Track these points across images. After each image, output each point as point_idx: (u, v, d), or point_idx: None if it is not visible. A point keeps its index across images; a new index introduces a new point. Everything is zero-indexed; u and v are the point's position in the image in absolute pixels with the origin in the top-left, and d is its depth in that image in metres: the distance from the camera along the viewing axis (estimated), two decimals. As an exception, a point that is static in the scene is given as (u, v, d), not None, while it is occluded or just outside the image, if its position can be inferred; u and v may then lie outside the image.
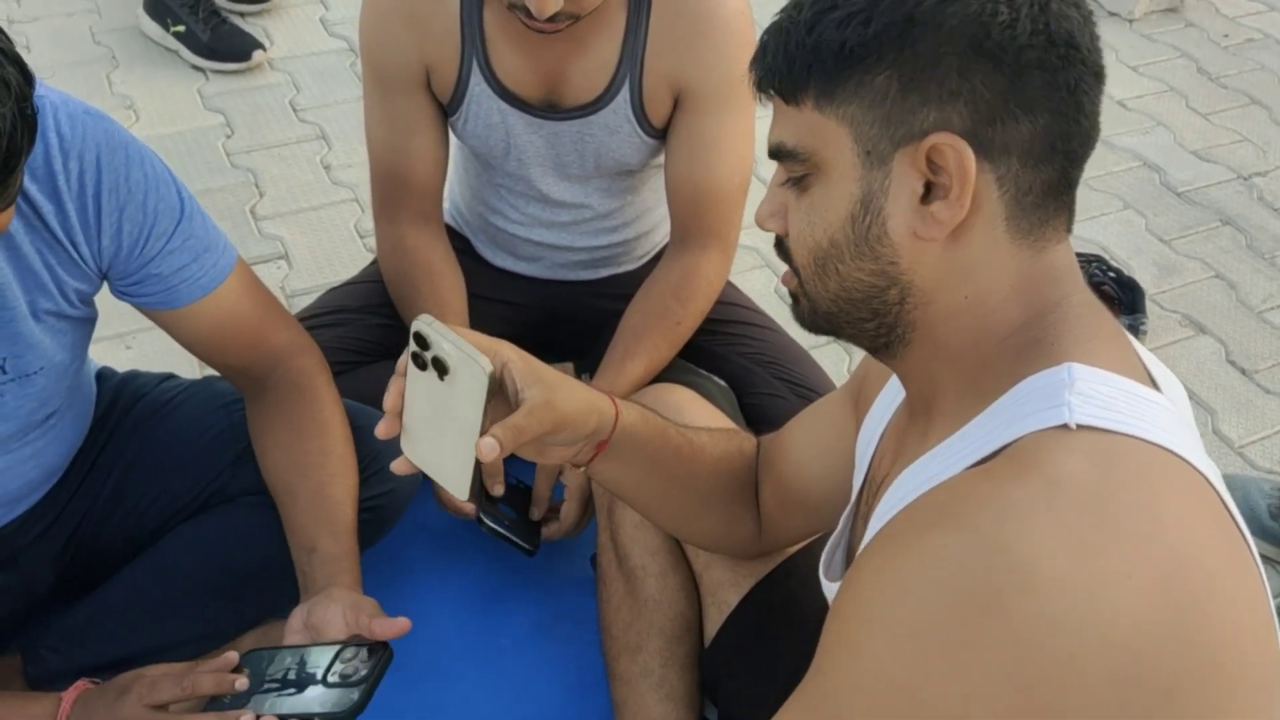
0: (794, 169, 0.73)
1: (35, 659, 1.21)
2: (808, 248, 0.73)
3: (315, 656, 0.89)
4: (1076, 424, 0.63)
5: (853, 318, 0.74)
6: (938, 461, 0.69)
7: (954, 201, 0.67)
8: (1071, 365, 0.66)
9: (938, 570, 0.60)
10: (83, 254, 1.03)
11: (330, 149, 2.40)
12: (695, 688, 1.20)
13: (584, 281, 1.62)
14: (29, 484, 1.15)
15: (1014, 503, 0.60)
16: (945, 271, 0.69)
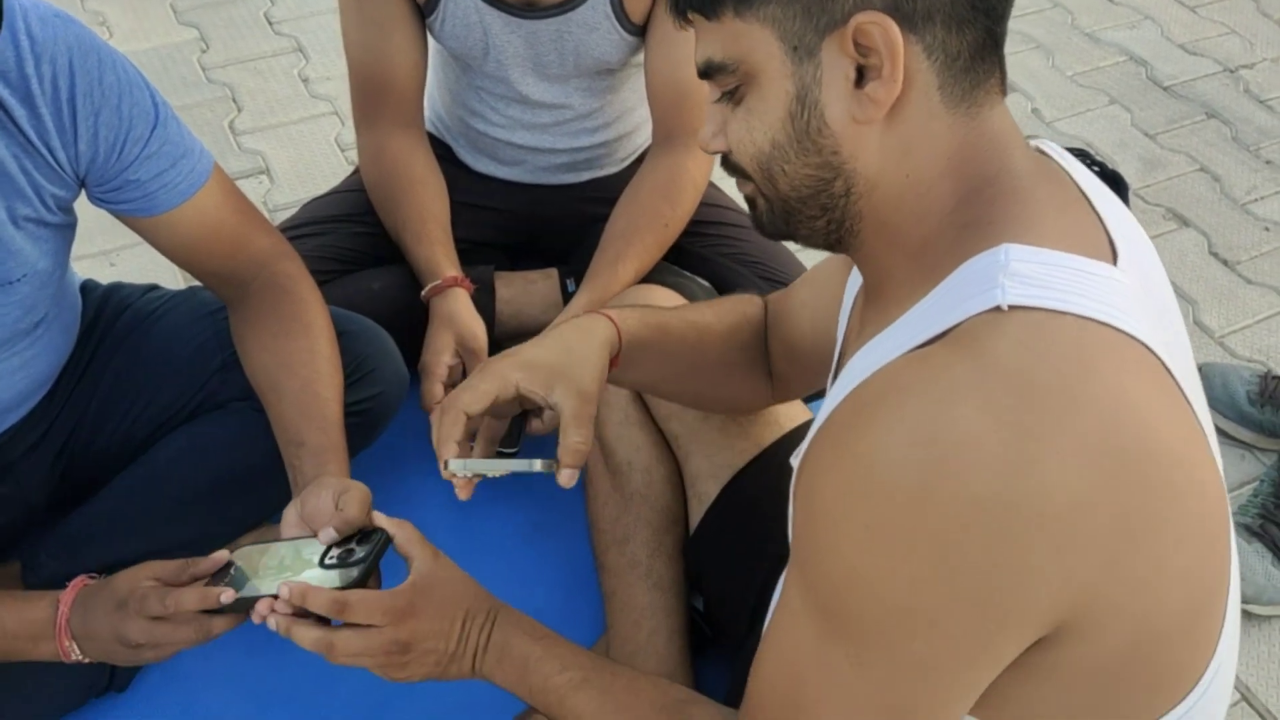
0: (725, 82, 0.73)
1: (34, 566, 1.23)
2: (750, 155, 0.74)
3: (310, 547, 0.91)
4: (1008, 305, 0.64)
5: (804, 215, 0.75)
6: (883, 345, 0.71)
7: (887, 79, 0.67)
8: (1009, 246, 0.66)
9: (879, 463, 0.62)
10: (59, 159, 1.03)
11: (308, 61, 2.37)
12: (682, 576, 1.23)
13: (566, 185, 1.62)
14: (19, 394, 1.16)
15: (947, 386, 0.62)
16: (886, 153, 0.70)
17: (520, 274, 1.59)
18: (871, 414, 0.65)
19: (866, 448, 0.63)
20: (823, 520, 0.66)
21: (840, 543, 0.65)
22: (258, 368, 1.17)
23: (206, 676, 1.27)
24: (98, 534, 1.23)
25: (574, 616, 1.33)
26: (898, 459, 0.61)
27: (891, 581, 0.63)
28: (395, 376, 1.31)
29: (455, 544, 1.36)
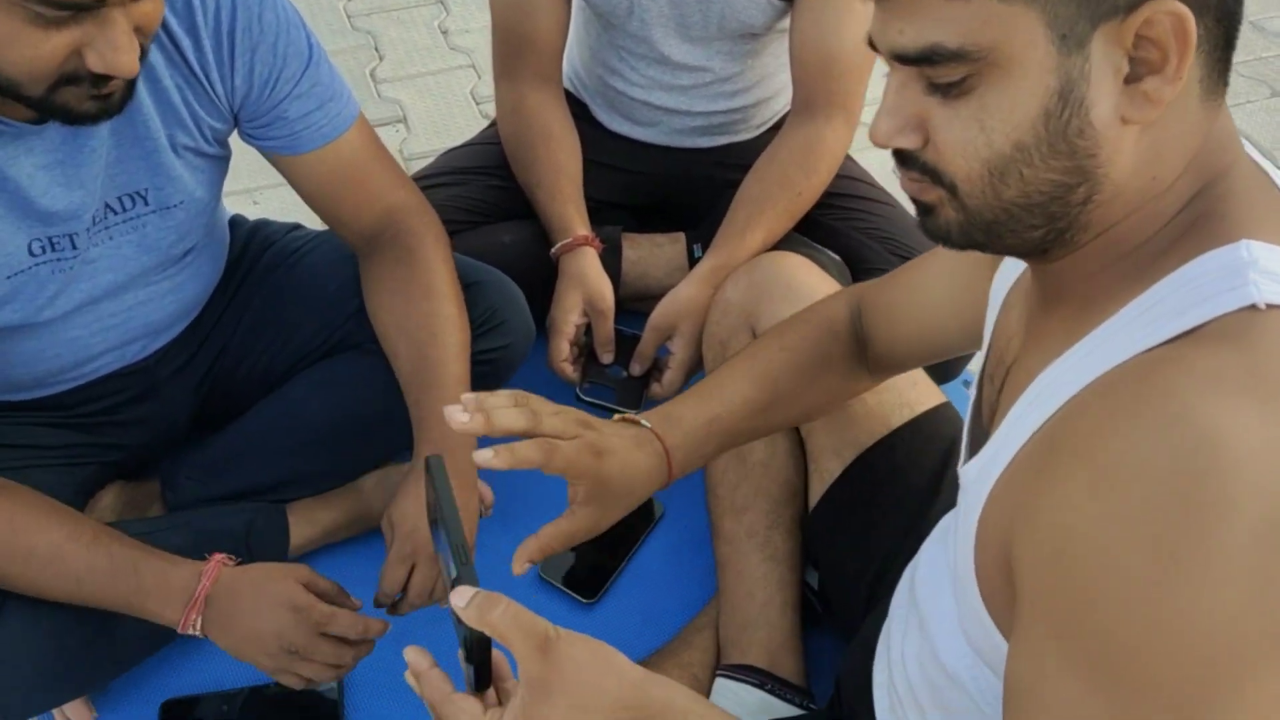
0: (949, 73, 0.62)
1: (174, 486, 1.29)
2: (980, 159, 0.63)
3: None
4: (1266, 304, 0.58)
5: (1022, 225, 0.65)
6: (1098, 349, 0.64)
7: (1171, 75, 0.60)
8: (1249, 243, 0.61)
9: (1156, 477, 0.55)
10: (217, 91, 1.07)
11: (448, 14, 2.40)
12: (798, 550, 1.22)
13: (701, 149, 1.61)
14: (169, 317, 1.21)
15: (1220, 387, 0.56)
16: (1141, 154, 0.63)
17: (647, 236, 1.59)
18: (1131, 423, 0.57)
19: (1137, 461, 0.55)
20: (1094, 561, 0.56)
21: (1133, 578, 0.55)
22: (381, 328, 1.20)
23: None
24: (234, 460, 1.29)
25: (684, 579, 1.34)
26: (1183, 466, 0.54)
27: (1213, 614, 0.53)
28: (523, 329, 1.33)
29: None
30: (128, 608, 1.06)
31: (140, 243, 1.10)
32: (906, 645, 0.87)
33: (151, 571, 1.06)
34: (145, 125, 1.04)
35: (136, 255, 1.11)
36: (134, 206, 1.08)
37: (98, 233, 1.06)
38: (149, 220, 1.09)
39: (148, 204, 1.08)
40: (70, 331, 1.12)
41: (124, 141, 1.04)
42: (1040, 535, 0.61)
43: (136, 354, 1.21)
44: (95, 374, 1.19)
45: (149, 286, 1.16)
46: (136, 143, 1.05)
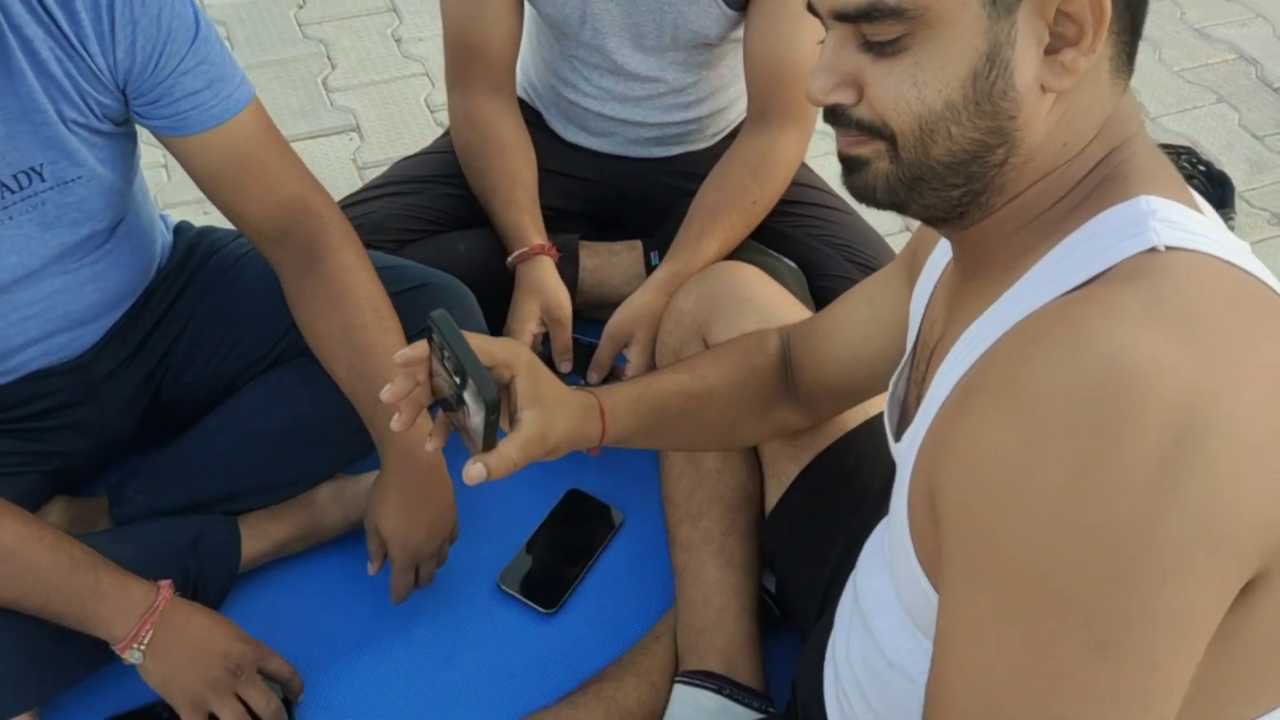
0: (887, 30, 0.65)
1: (121, 500, 1.27)
2: (913, 113, 0.67)
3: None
4: (1165, 246, 0.62)
5: (943, 183, 0.69)
6: (1012, 303, 0.68)
7: (1086, 49, 0.64)
8: (1147, 197, 0.66)
9: (1067, 398, 0.57)
10: (99, 65, 1.04)
11: (401, 22, 2.38)
12: (754, 555, 1.22)
13: (655, 158, 1.61)
14: (90, 307, 1.18)
15: (1124, 315, 0.59)
16: (1054, 122, 0.67)
17: (605, 245, 1.59)
18: (1042, 352, 0.60)
19: (1048, 384, 0.58)
20: (1007, 482, 0.59)
21: (1042, 495, 0.58)
22: (308, 340, 1.19)
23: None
24: (183, 472, 1.27)
25: (643, 587, 1.33)
26: (1095, 387, 0.57)
27: (1124, 523, 0.56)
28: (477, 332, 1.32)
29: (526, 508, 1.39)
30: (80, 612, 1.05)
31: (41, 221, 1.08)
32: (851, 643, 0.88)
33: (110, 578, 1.07)
34: (30, 97, 1.02)
35: (39, 235, 1.08)
36: (30, 184, 1.06)
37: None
38: (47, 197, 1.07)
39: (44, 179, 1.06)
40: None
41: (11, 116, 1.02)
42: (956, 462, 0.64)
43: (62, 349, 1.19)
44: (20, 371, 1.17)
45: (64, 274, 1.13)
46: (24, 116, 1.03)
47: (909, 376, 0.88)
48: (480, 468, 0.85)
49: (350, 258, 1.17)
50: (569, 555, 1.36)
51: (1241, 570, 0.59)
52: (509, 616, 1.30)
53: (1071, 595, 0.58)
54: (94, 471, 1.31)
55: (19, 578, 1.02)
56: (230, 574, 1.25)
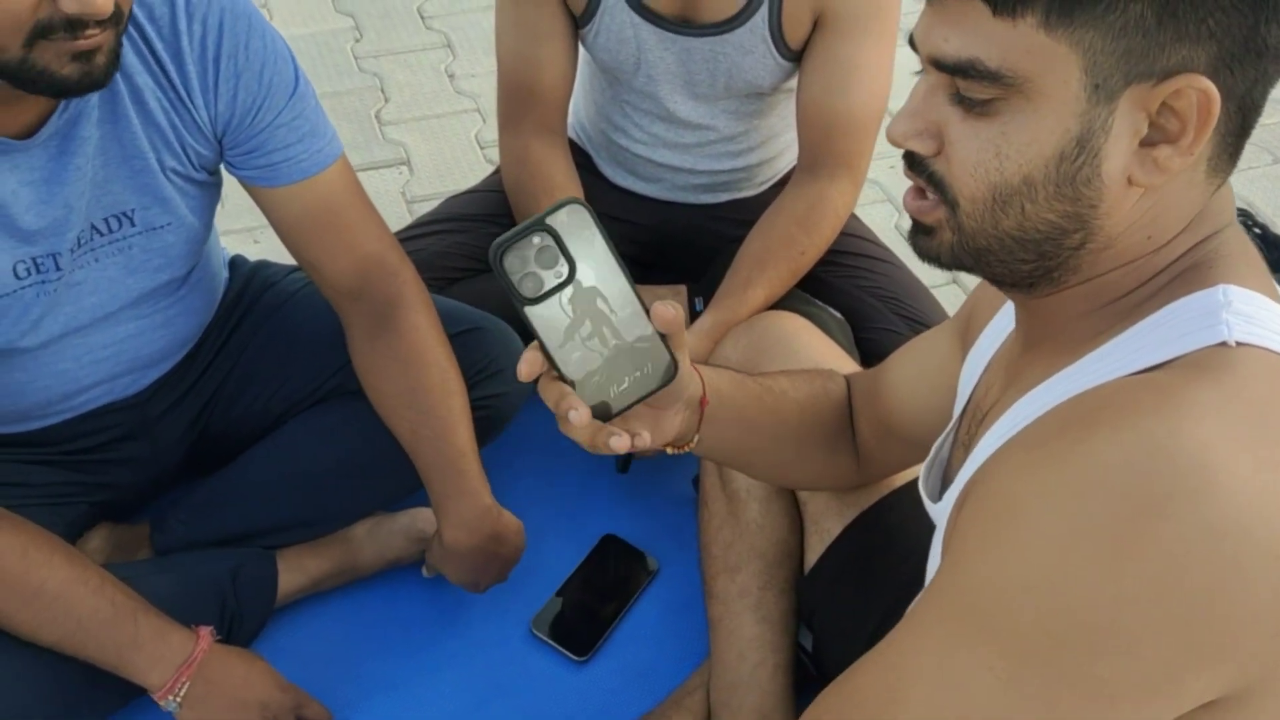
0: (979, 90, 0.63)
1: (163, 529, 1.28)
2: (988, 182, 0.65)
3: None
4: (1236, 341, 0.61)
5: (1013, 257, 0.67)
6: (1075, 378, 0.67)
7: (1184, 148, 0.62)
8: (1226, 287, 0.64)
9: (1103, 471, 0.57)
10: (202, 116, 1.07)
11: (455, 58, 2.41)
12: (791, 612, 1.21)
13: (703, 205, 1.61)
14: (159, 351, 1.20)
15: (1182, 407, 0.58)
16: (1139, 215, 0.65)
17: (649, 288, 1.59)
18: (1093, 423, 0.60)
19: (1091, 450, 0.58)
20: (1010, 518, 0.60)
21: (1033, 542, 0.59)
22: (371, 396, 1.20)
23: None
24: (225, 504, 1.28)
25: (678, 638, 1.32)
26: (1134, 463, 0.57)
27: (1096, 593, 0.57)
28: None
29: (561, 552, 1.39)
30: (116, 660, 1.06)
31: (126, 265, 1.10)
32: None
33: (150, 626, 1.07)
34: (133, 144, 1.04)
35: (122, 278, 1.10)
36: (120, 228, 1.08)
37: (83, 254, 1.06)
38: (135, 242, 1.09)
39: (134, 224, 1.08)
40: (59, 363, 1.12)
41: (111, 161, 1.04)
42: (973, 496, 0.65)
43: (126, 388, 1.20)
44: (84, 408, 1.18)
45: (139, 319, 1.15)
46: (124, 162, 1.05)
47: (954, 440, 0.87)
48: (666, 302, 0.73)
49: (422, 319, 1.18)
50: (603, 602, 1.35)
51: (1211, 681, 0.58)
52: (541, 663, 1.29)
53: (1010, 633, 0.60)
54: (140, 502, 1.32)
55: (61, 621, 1.03)
56: (267, 608, 1.25)
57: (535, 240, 0.69)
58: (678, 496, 1.46)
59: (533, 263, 0.70)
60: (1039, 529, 0.59)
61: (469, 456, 1.17)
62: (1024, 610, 0.59)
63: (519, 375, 0.73)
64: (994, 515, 0.63)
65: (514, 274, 0.70)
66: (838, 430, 1.07)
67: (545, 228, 0.69)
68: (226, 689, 1.08)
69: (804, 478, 1.12)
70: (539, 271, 0.70)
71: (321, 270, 1.18)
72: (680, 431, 0.88)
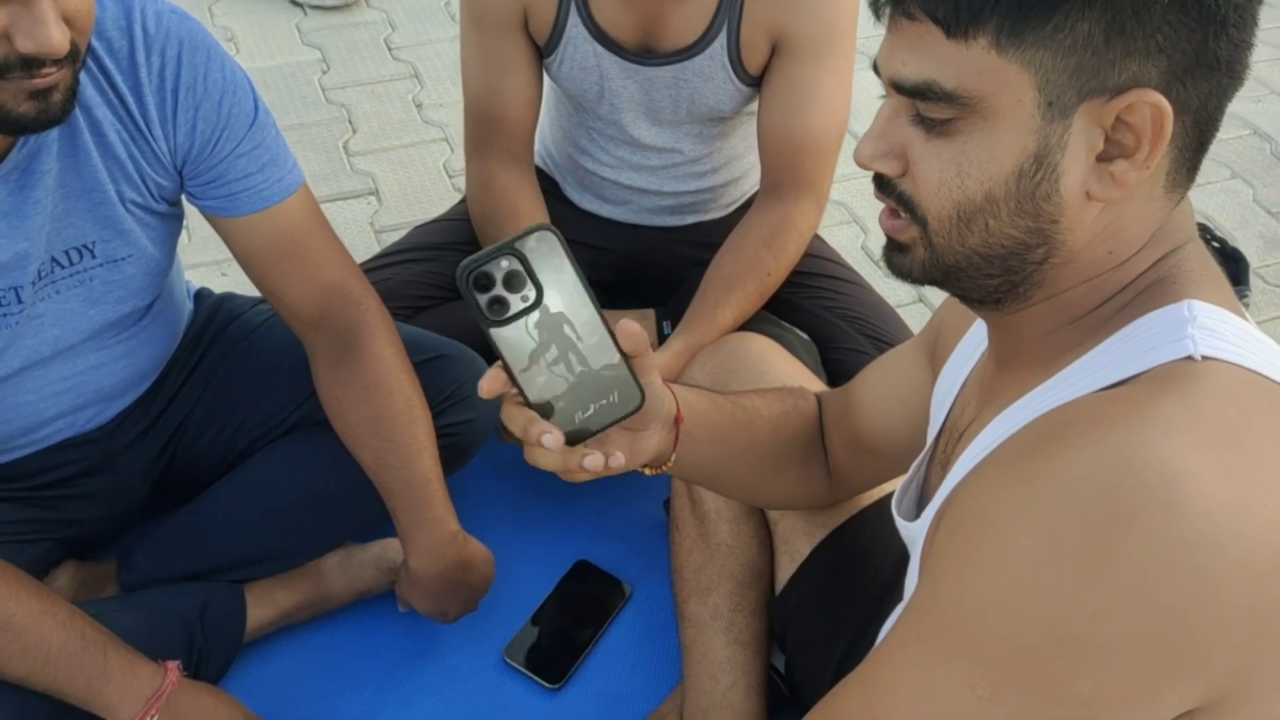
0: (939, 111, 0.65)
1: (130, 565, 1.27)
2: (952, 200, 0.66)
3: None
4: (1201, 355, 0.62)
5: (980, 273, 0.69)
6: (1048, 395, 0.68)
7: (1140, 162, 0.63)
8: (1190, 302, 0.65)
9: (1073, 486, 0.58)
10: (161, 148, 1.07)
11: (423, 88, 2.42)
12: (764, 633, 1.21)
13: (669, 227, 1.62)
14: (121, 383, 1.20)
15: (1150, 421, 0.59)
16: (1099, 229, 0.67)
17: (616, 312, 1.59)
18: (1062, 438, 0.60)
19: (1061, 465, 0.59)
20: (985, 536, 0.61)
21: (1007, 560, 0.59)
22: (335, 425, 1.20)
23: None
24: (192, 538, 1.27)
25: (652, 663, 1.32)
26: (1103, 478, 0.57)
27: (1071, 608, 0.57)
28: (489, 404, 1.32)
29: (534, 578, 1.38)
30: (85, 693, 1.04)
31: (87, 297, 1.09)
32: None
33: (119, 659, 1.06)
34: (93, 177, 1.04)
35: (84, 310, 1.10)
36: (80, 260, 1.07)
37: (44, 287, 1.06)
38: (96, 274, 1.09)
39: (95, 257, 1.08)
40: (19, 396, 1.11)
41: (71, 194, 1.04)
42: (949, 514, 0.66)
43: (89, 421, 1.20)
44: (46, 441, 1.18)
45: (101, 350, 1.15)
46: (84, 194, 1.05)
47: (931, 459, 0.87)
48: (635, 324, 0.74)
49: (385, 347, 1.18)
50: (576, 628, 1.35)
51: (1186, 692, 0.59)
52: (514, 691, 1.29)
53: (987, 649, 0.60)
54: (105, 538, 1.31)
55: (29, 655, 1.02)
56: (236, 643, 1.24)
57: (503, 264, 0.69)
58: (649, 520, 1.47)
59: (499, 285, 0.70)
60: (1013, 546, 0.60)
61: (434, 484, 1.16)
62: (1001, 627, 0.60)
63: (480, 391, 0.73)
64: (968, 533, 0.63)
65: (480, 295, 0.70)
66: (810, 447, 1.08)
67: (514, 252, 0.69)
68: None
69: (777, 496, 1.12)
70: (505, 295, 0.70)
71: (283, 299, 1.18)
72: (657, 451, 0.89)
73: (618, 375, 0.74)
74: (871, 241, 2.06)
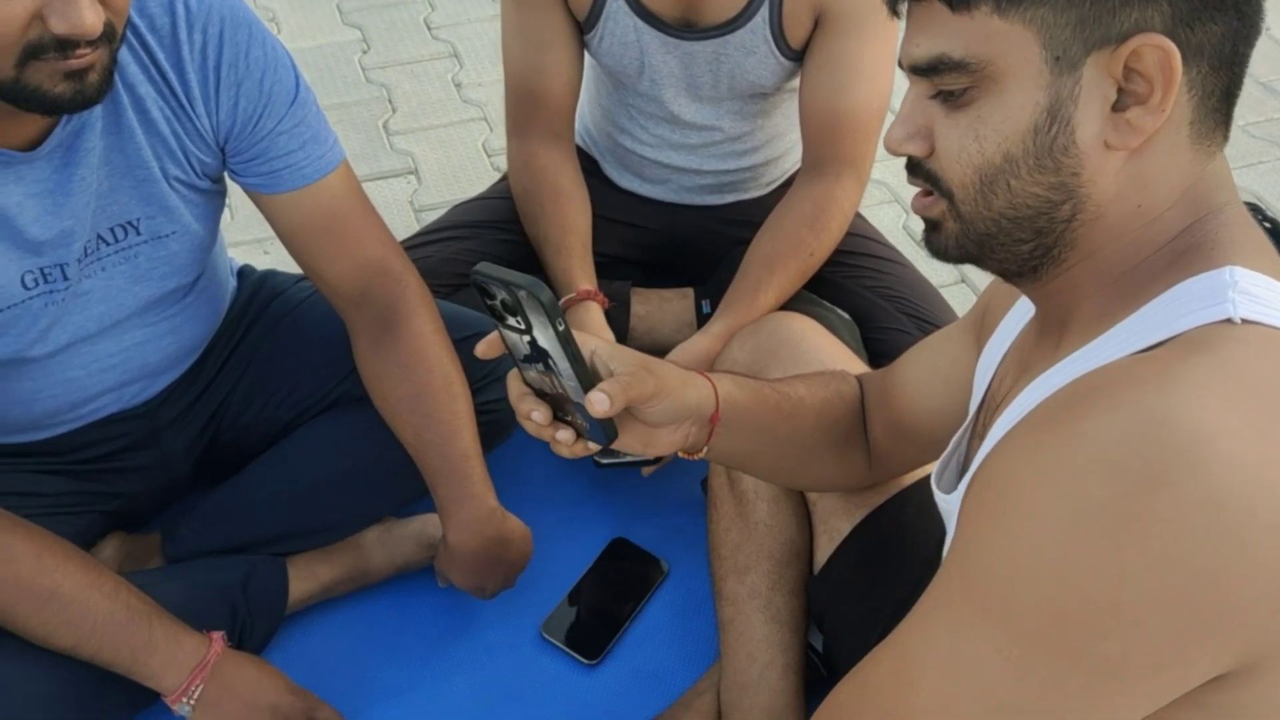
0: (953, 82, 0.68)
1: (174, 538, 1.28)
2: (973, 165, 0.68)
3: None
4: (1241, 318, 0.61)
5: (1011, 239, 0.70)
6: (1082, 361, 0.67)
7: (1154, 107, 0.64)
8: (1233, 268, 0.64)
9: (1100, 449, 0.58)
10: (203, 124, 1.08)
11: (462, 67, 2.42)
12: (801, 612, 1.20)
13: (709, 206, 1.61)
14: (167, 359, 1.21)
15: (1181, 381, 0.58)
16: (1124, 182, 0.67)
17: (656, 291, 1.59)
18: (1091, 401, 0.61)
19: (1089, 428, 0.59)
20: (1012, 501, 0.61)
21: (1034, 525, 0.60)
22: (376, 403, 1.21)
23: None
24: (235, 512, 1.28)
25: (689, 640, 1.32)
26: (1131, 439, 0.57)
27: (1099, 572, 0.57)
28: None
29: (571, 555, 1.39)
30: (130, 664, 1.06)
31: (133, 274, 1.10)
32: None
33: (164, 630, 1.08)
34: (137, 154, 1.05)
35: (129, 286, 1.11)
36: (126, 237, 1.08)
37: (90, 264, 1.07)
38: (141, 250, 1.10)
39: (140, 234, 1.09)
40: (67, 371, 1.12)
41: (116, 171, 1.05)
42: (978, 479, 0.67)
43: (135, 396, 1.21)
44: (93, 416, 1.19)
45: (146, 327, 1.16)
46: (128, 171, 1.05)
47: (972, 432, 0.87)
48: (602, 395, 0.77)
49: (425, 324, 1.18)
50: (613, 605, 1.35)
51: (1217, 655, 0.58)
52: (551, 666, 1.29)
53: (1018, 614, 0.60)
54: (150, 511, 1.33)
55: (75, 626, 1.04)
56: (278, 615, 1.25)
57: (501, 291, 0.74)
58: (687, 499, 1.46)
59: (498, 303, 0.76)
60: (1040, 511, 0.60)
61: (473, 460, 1.17)
62: (1029, 593, 0.60)
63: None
64: (996, 499, 0.64)
65: (484, 299, 0.76)
66: (851, 432, 1.07)
67: (509, 291, 0.74)
68: (239, 692, 1.08)
69: (816, 480, 1.12)
70: (503, 311, 0.76)
71: (324, 276, 1.19)
72: (690, 443, 0.92)
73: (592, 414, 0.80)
74: (913, 221, 2.04)
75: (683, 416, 0.89)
